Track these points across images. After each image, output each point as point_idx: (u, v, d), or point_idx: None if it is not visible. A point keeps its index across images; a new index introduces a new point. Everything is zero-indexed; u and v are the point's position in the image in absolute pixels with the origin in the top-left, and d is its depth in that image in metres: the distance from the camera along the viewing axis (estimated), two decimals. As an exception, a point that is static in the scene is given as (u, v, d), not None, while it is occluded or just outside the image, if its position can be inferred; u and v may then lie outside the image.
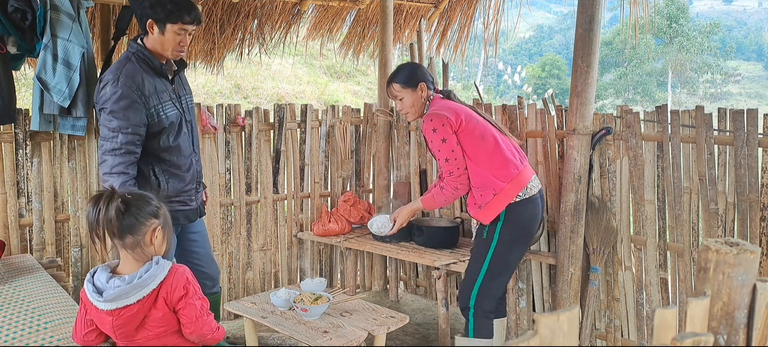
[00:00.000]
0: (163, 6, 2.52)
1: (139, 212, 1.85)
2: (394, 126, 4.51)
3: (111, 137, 2.48)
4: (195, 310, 1.91)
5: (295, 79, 14.95)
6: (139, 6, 2.57)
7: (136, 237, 1.86)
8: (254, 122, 3.98)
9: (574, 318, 0.90)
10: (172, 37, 2.57)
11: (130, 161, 2.51)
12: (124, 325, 1.86)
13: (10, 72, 3.05)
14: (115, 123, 2.47)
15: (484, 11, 5.02)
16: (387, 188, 4.59)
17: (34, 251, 3.28)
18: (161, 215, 1.93)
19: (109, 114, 2.49)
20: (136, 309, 1.84)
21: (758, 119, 2.80)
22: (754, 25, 53.61)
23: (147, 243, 1.88)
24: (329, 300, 2.91)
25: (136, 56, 2.58)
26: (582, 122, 3.13)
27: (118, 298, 1.82)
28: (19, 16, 2.93)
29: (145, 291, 1.84)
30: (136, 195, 1.91)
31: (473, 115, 2.90)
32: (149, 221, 1.88)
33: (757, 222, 2.82)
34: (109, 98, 2.48)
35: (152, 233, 1.89)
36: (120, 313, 1.83)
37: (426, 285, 4.47)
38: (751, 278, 1.03)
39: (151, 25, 2.55)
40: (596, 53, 3.08)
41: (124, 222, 1.83)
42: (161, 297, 1.87)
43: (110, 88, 2.49)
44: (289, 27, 4.82)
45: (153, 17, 2.53)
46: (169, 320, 1.91)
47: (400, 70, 3.02)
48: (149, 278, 1.85)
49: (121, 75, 2.50)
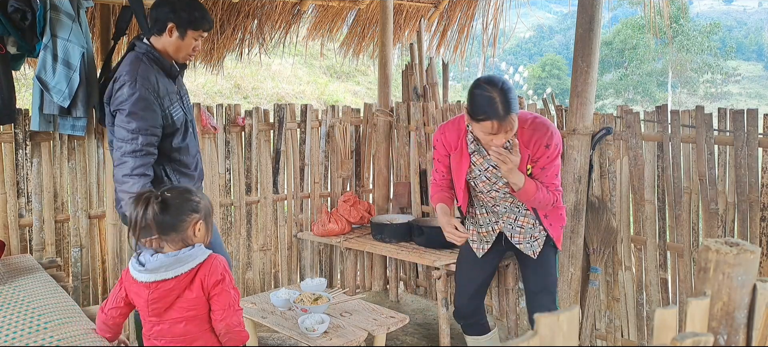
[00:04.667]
0: (189, 12, 2.57)
1: (179, 211, 1.93)
2: (394, 126, 4.51)
3: (130, 139, 2.48)
4: (229, 298, 1.96)
5: (295, 79, 14.94)
6: (158, 9, 2.59)
7: (180, 234, 1.94)
8: (254, 122, 3.98)
9: (574, 318, 0.90)
10: (190, 43, 2.63)
11: (149, 163, 2.53)
12: (158, 300, 1.92)
13: (10, 72, 3.05)
14: (135, 125, 2.48)
15: (483, 11, 5.02)
16: (387, 188, 4.59)
17: (34, 251, 3.28)
18: (201, 208, 1.99)
19: (127, 116, 2.49)
20: (172, 284, 1.91)
21: (758, 119, 2.80)
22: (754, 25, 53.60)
23: (190, 237, 1.96)
24: (329, 300, 2.91)
25: (146, 57, 2.59)
26: (582, 122, 3.13)
27: (158, 270, 1.91)
28: (19, 16, 2.92)
29: (184, 267, 1.92)
30: (176, 193, 1.97)
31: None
32: (190, 216, 1.95)
33: (757, 222, 2.82)
34: (127, 99, 2.49)
35: (194, 227, 1.96)
36: (157, 286, 1.91)
37: (426, 285, 4.47)
38: (751, 278, 1.03)
39: (171, 29, 2.58)
40: (596, 53, 3.08)
41: (166, 221, 1.90)
42: (198, 279, 1.94)
43: (128, 89, 2.49)
44: (289, 27, 4.82)
45: (175, 22, 2.57)
46: (200, 304, 1.96)
47: (506, 99, 2.32)
48: (189, 257, 1.93)
49: (137, 76, 2.51)
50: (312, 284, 3.21)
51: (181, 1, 2.60)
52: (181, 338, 1.97)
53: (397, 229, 3.90)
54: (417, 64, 4.46)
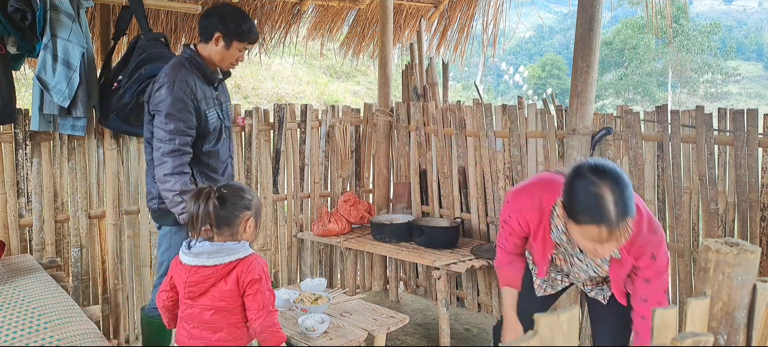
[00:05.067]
0: (237, 25, 2.68)
1: (234, 207, 2.05)
2: (394, 126, 4.51)
3: (169, 140, 2.61)
4: (264, 299, 2.05)
5: (295, 79, 14.94)
6: (207, 19, 2.72)
7: (232, 229, 2.06)
8: (254, 122, 3.98)
9: (574, 318, 0.90)
10: (234, 53, 2.74)
11: (186, 161, 2.67)
12: (195, 284, 2.04)
13: (10, 72, 3.05)
14: (173, 126, 2.60)
15: (483, 11, 5.02)
16: (387, 188, 4.59)
17: (34, 251, 3.28)
18: (253, 205, 2.11)
19: (166, 117, 2.60)
20: (210, 271, 2.02)
21: (758, 119, 2.80)
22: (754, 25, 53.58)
23: (240, 232, 2.08)
24: (329, 300, 2.91)
25: (189, 62, 2.71)
26: (582, 122, 3.13)
27: (200, 255, 2.03)
28: (19, 16, 2.92)
29: (224, 259, 2.02)
30: (231, 189, 2.09)
31: None
32: (243, 213, 2.07)
33: (757, 222, 2.82)
34: (164, 100, 2.60)
35: (246, 223, 2.08)
36: (197, 270, 2.03)
37: (426, 285, 4.47)
38: (751, 278, 1.03)
39: (217, 39, 2.69)
40: (596, 53, 3.08)
41: (222, 215, 2.03)
42: (235, 273, 2.03)
43: (166, 90, 2.61)
44: (289, 27, 4.82)
45: (222, 32, 2.68)
46: (232, 297, 2.04)
47: (622, 199, 1.71)
48: (231, 250, 2.04)
49: (176, 79, 2.63)
50: (312, 284, 3.21)
51: (231, 13, 2.72)
52: (207, 325, 2.07)
53: (397, 229, 3.90)
54: (417, 64, 4.46)
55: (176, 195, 2.60)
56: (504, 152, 3.75)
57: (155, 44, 3.21)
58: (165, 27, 4.19)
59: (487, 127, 3.81)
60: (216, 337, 2.08)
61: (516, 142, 3.66)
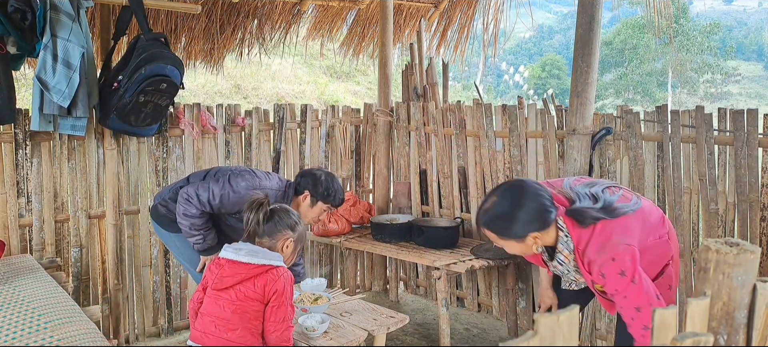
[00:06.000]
0: (324, 188, 2.92)
1: (279, 222, 2.27)
2: (394, 126, 4.51)
3: (205, 204, 2.78)
4: (284, 313, 2.17)
5: (295, 79, 14.93)
6: (304, 181, 2.94)
7: (272, 241, 2.25)
8: (254, 122, 3.98)
9: (574, 318, 0.90)
10: (318, 212, 2.97)
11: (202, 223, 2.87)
12: (225, 276, 2.17)
13: (10, 72, 3.05)
14: (216, 202, 2.78)
15: (483, 11, 5.02)
16: (387, 188, 4.59)
17: (34, 251, 3.28)
18: (297, 231, 2.31)
19: (220, 191, 2.79)
20: (242, 269, 2.16)
21: (758, 119, 2.80)
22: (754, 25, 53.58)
23: (278, 249, 2.26)
24: (329, 300, 2.91)
25: (281, 196, 2.89)
26: (582, 122, 3.13)
27: (238, 251, 2.19)
28: (19, 16, 2.92)
29: (257, 260, 2.17)
30: (282, 209, 2.32)
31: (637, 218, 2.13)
32: (285, 232, 2.27)
33: (757, 222, 2.82)
34: (228, 193, 2.80)
35: (284, 242, 2.28)
36: (231, 264, 2.18)
37: (426, 285, 4.47)
38: (751, 278, 1.03)
39: (305, 196, 2.93)
40: (596, 53, 3.08)
41: (266, 226, 2.25)
42: (263, 280, 2.16)
43: (236, 191, 2.82)
44: (289, 27, 4.82)
45: (311, 192, 2.92)
46: (253, 301, 2.15)
47: (491, 212, 2.10)
48: (266, 255, 2.20)
49: (269, 192, 2.79)
50: (312, 284, 3.20)
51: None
52: (224, 321, 2.15)
53: (397, 229, 3.90)
54: (417, 64, 4.46)
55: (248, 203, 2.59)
56: (504, 152, 3.75)
57: (155, 44, 3.21)
58: (165, 27, 4.19)
59: (487, 127, 3.81)
60: (228, 336, 2.14)
61: (516, 142, 3.66)
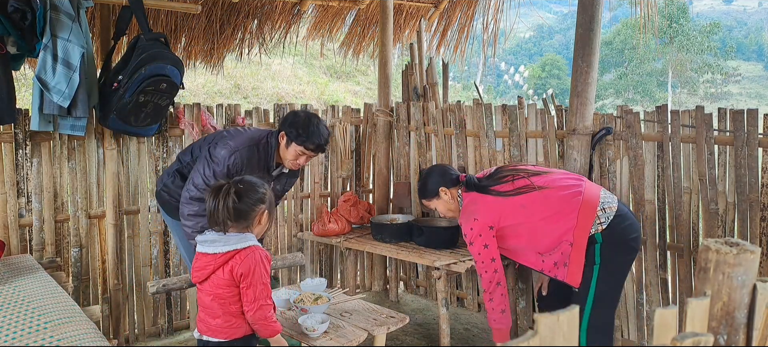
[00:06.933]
0: (296, 129, 2.89)
1: (249, 201, 2.20)
2: (394, 126, 4.51)
3: (202, 189, 2.79)
4: (256, 292, 2.17)
5: (295, 79, 14.94)
6: (283, 120, 2.97)
7: (247, 221, 2.22)
8: (254, 122, 3.98)
9: (574, 318, 0.90)
10: (294, 154, 2.95)
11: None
12: (199, 269, 2.22)
13: (10, 72, 3.05)
14: (213, 182, 2.72)
15: (483, 11, 5.02)
16: (387, 188, 4.59)
17: (34, 251, 3.28)
18: (267, 199, 2.26)
19: (210, 172, 2.81)
20: (211, 259, 2.18)
21: (758, 119, 2.80)
22: (754, 25, 53.60)
23: (254, 225, 2.24)
24: (329, 300, 2.91)
25: (263, 145, 2.93)
26: (582, 122, 3.13)
27: (206, 243, 2.21)
28: (19, 16, 2.92)
29: (222, 248, 2.17)
30: (247, 184, 2.24)
31: (500, 201, 2.69)
32: (258, 207, 2.23)
33: (757, 222, 2.82)
34: (220, 162, 2.83)
35: (260, 216, 2.25)
36: (202, 257, 2.21)
37: (426, 285, 4.47)
38: (751, 278, 1.03)
39: (282, 136, 2.94)
40: (596, 53, 3.07)
41: (239, 209, 2.19)
42: (231, 265, 2.17)
43: (225, 152, 2.84)
44: (289, 27, 4.82)
45: (285, 132, 2.92)
46: (229, 287, 2.18)
47: (419, 189, 3.02)
48: (231, 240, 2.18)
49: (240, 149, 2.86)
50: (312, 284, 3.20)
51: (299, 120, 2.93)
52: (208, 310, 2.23)
53: (397, 229, 3.90)
54: (417, 64, 4.46)
55: (210, 190, 2.65)
56: (504, 152, 3.75)
57: (155, 44, 3.21)
58: (165, 27, 4.19)
59: (487, 127, 3.81)
60: (214, 323, 2.22)
61: (516, 142, 3.66)
